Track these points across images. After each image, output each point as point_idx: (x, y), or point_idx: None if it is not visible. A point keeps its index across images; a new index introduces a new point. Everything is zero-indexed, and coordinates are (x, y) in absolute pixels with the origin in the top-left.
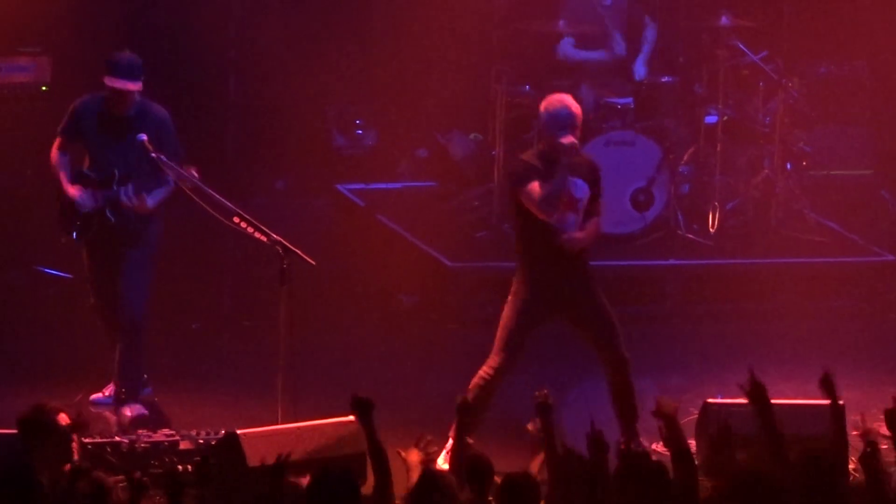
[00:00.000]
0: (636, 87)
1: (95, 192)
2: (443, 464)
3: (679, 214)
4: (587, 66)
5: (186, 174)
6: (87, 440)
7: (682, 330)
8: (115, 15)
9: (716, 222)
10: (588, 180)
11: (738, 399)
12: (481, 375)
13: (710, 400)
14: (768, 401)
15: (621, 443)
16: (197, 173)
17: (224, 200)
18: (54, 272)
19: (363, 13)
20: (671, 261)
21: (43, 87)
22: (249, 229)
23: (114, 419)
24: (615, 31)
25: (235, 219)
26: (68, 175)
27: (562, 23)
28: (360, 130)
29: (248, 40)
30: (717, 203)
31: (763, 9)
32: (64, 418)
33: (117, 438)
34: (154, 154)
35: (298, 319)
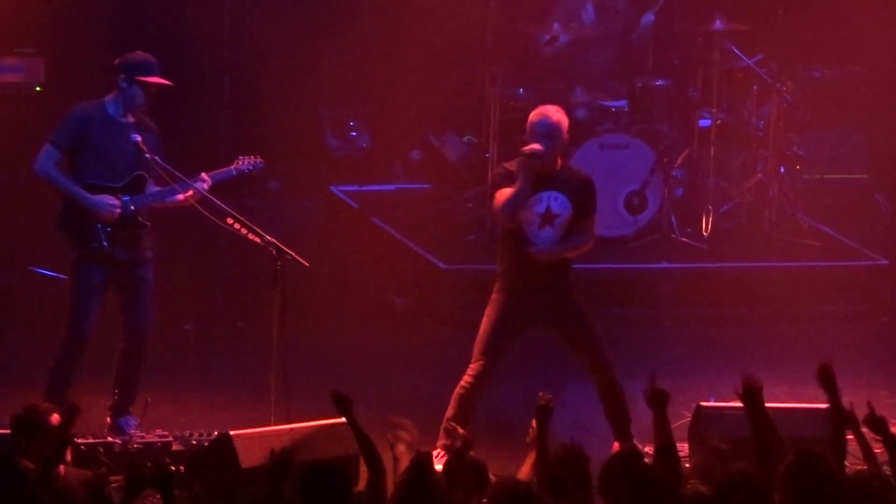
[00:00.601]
0: (630, 90)
1: (123, 200)
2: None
3: (673, 218)
4: (581, 69)
5: (181, 176)
6: (80, 440)
7: (675, 333)
8: (108, 16)
9: (709, 226)
10: (574, 196)
11: (731, 402)
12: (461, 384)
13: (703, 403)
14: (762, 404)
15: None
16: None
17: (218, 202)
18: (49, 273)
19: (357, 15)
20: (664, 264)
21: (37, 88)
22: (243, 231)
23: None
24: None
25: (229, 220)
26: (80, 186)
27: (556, 25)
28: (354, 132)
29: (242, 42)
30: (710, 206)
31: (757, 12)
32: (56, 419)
33: (110, 439)
34: (148, 155)
35: (292, 321)
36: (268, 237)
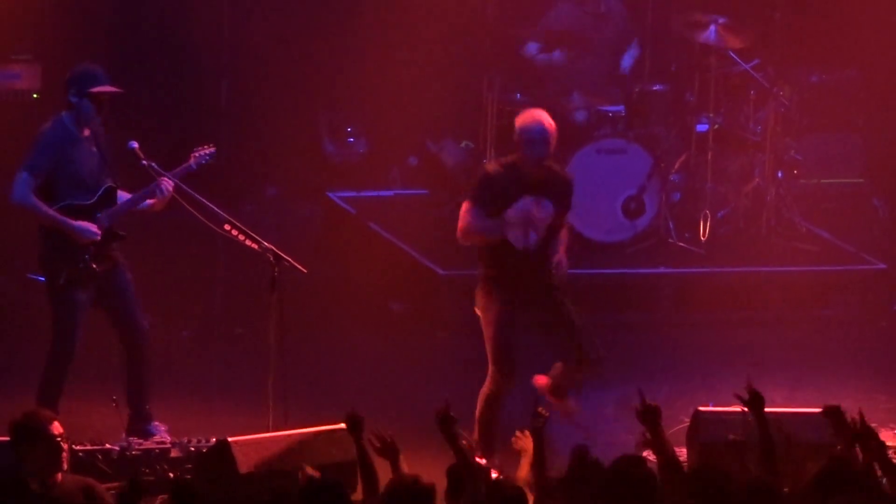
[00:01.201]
0: (628, 94)
1: (98, 217)
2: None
3: (670, 222)
4: (578, 74)
5: (175, 180)
6: (79, 447)
7: (672, 338)
8: (105, 22)
9: (707, 230)
10: (557, 199)
11: (729, 407)
12: (483, 392)
13: (702, 408)
14: (762, 409)
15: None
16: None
17: (215, 207)
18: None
19: (355, 20)
20: (662, 269)
21: (34, 95)
22: (240, 237)
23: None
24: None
25: (226, 226)
26: (56, 209)
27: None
28: (352, 138)
29: (240, 47)
30: (708, 211)
31: (754, 18)
32: (57, 427)
33: (108, 446)
34: (145, 161)
35: (289, 327)
36: (265, 243)
